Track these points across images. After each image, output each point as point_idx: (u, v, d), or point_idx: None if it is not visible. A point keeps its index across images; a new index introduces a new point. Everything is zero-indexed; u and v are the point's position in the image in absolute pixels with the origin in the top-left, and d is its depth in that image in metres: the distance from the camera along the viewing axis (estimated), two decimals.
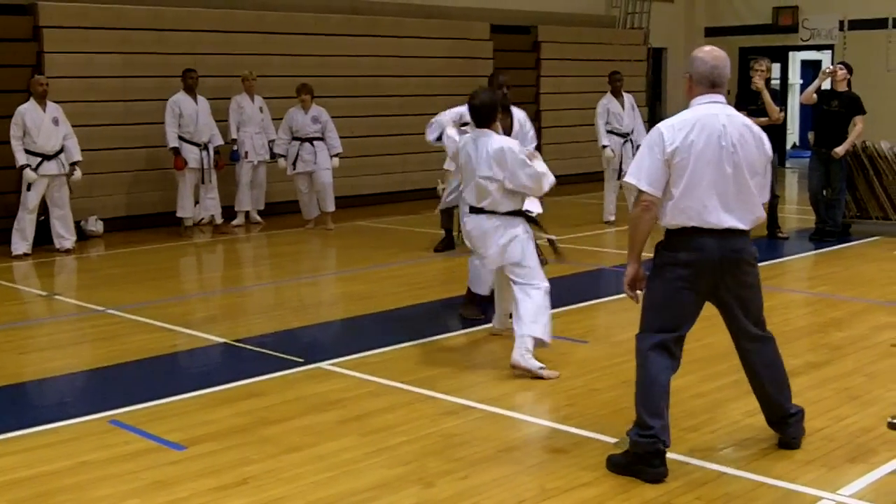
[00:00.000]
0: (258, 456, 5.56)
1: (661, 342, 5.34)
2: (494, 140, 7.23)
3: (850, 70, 12.78)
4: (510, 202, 7.25)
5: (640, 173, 5.21)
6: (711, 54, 5.31)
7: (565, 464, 5.38)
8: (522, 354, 7.09)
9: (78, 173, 12.74)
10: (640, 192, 5.23)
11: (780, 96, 12.30)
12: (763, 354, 5.53)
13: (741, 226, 5.22)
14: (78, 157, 12.68)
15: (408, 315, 9.14)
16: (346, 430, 5.99)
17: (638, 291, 5.52)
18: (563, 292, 9.22)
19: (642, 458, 5.18)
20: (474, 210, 7.35)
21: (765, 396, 5.59)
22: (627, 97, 14.89)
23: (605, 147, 14.58)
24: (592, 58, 20.62)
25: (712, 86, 5.29)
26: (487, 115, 7.34)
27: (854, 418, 6.02)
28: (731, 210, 5.18)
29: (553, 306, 8.77)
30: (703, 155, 5.13)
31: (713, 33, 24.11)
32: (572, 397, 6.58)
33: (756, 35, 22.90)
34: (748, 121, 5.37)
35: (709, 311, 8.96)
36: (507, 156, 7.10)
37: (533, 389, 6.81)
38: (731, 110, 5.31)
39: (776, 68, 21.93)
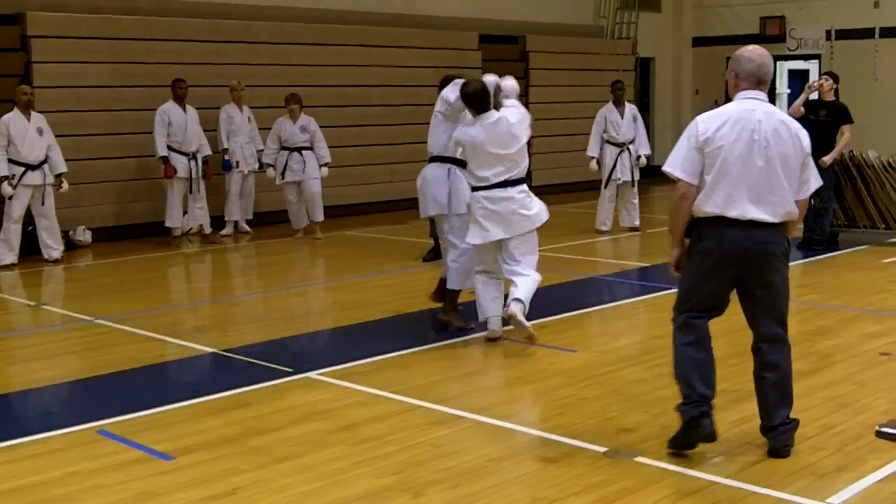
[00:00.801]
0: (247, 466, 5.55)
1: (687, 322, 5.67)
2: (508, 114, 7.97)
3: (836, 79, 12.82)
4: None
5: (675, 162, 5.51)
6: (757, 52, 5.59)
7: (555, 473, 5.38)
8: (523, 311, 7.76)
9: (65, 185, 12.71)
10: (676, 180, 5.50)
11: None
12: (776, 357, 5.59)
13: (769, 219, 5.37)
14: (63, 168, 12.65)
15: (397, 324, 9.13)
16: (335, 439, 5.99)
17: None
18: (552, 301, 9.24)
19: (689, 423, 5.49)
20: (500, 185, 7.95)
21: (765, 400, 5.62)
22: (629, 107, 14.89)
23: (591, 158, 14.61)
24: (581, 67, 20.69)
25: (758, 83, 5.52)
26: (483, 99, 7.96)
27: (843, 427, 6.03)
28: (759, 202, 5.35)
29: (542, 315, 8.84)
30: (735, 147, 5.34)
31: (701, 43, 24.21)
32: (562, 407, 6.58)
33: (743, 45, 22.87)
34: (786, 117, 5.54)
35: None
36: (526, 119, 8.05)
37: (522, 399, 6.81)
38: (770, 107, 5.51)
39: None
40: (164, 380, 7.69)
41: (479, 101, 8.01)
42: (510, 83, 8.33)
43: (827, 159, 12.23)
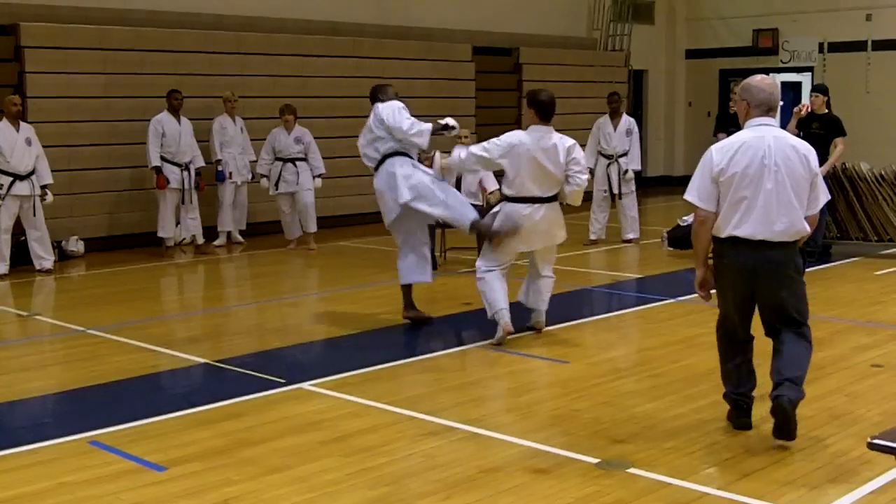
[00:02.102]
0: (239, 477, 5.54)
1: (723, 324, 6.21)
2: (561, 136, 8.46)
3: (824, 92, 12.85)
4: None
5: (693, 191, 5.96)
6: (766, 82, 6.01)
7: (548, 484, 5.37)
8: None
9: (49, 197, 12.70)
10: (696, 208, 5.96)
11: None
12: (790, 336, 5.99)
13: (780, 238, 5.82)
14: (49, 179, 12.64)
15: (389, 335, 9.13)
16: (327, 450, 5.98)
17: (713, 291, 6.22)
18: (545, 313, 9.23)
19: (730, 412, 6.25)
20: (540, 200, 8.40)
21: (776, 365, 5.95)
22: (625, 120, 14.82)
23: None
24: (574, 79, 20.71)
25: (768, 110, 5.96)
26: (552, 110, 8.45)
27: (835, 438, 6.03)
28: (770, 223, 5.79)
29: (534, 327, 8.86)
30: (746, 173, 5.78)
31: (694, 55, 24.26)
32: (554, 418, 6.58)
33: (736, 57, 23.02)
34: (796, 141, 6.00)
35: (683, 333, 9.00)
36: (576, 151, 8.42)
37: (515, 410, 6.81)
38: (780, 131, 5.96)
39: None
40: (156, 390, 7.66)
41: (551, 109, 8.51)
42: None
43: (820, 171, 12.23)
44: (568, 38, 21.78)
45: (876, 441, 5.75)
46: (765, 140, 5.83)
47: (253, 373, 7.76)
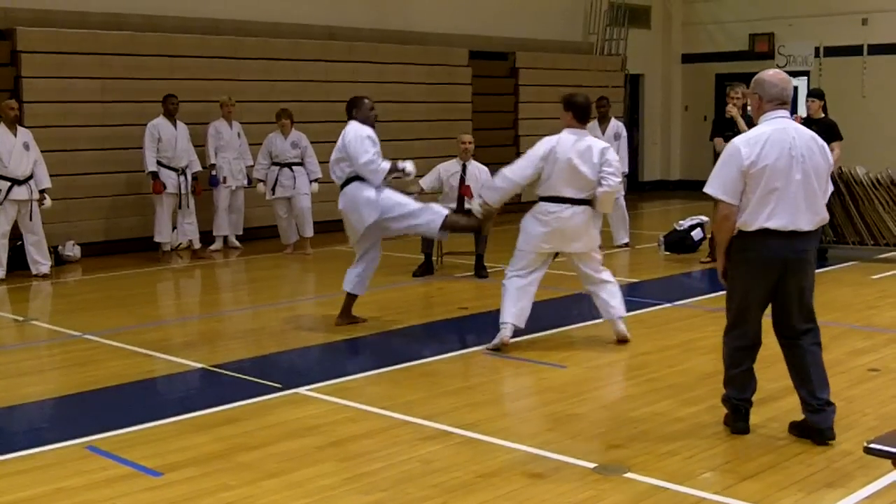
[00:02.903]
0: (236, 482, 5.54)
1: (737, 326, 6.15)
2: (595, 139, 8.57)
3: (820, 97, 12.85)
4: None
5: (717, 185, 5.93)
6: (778, 76, 6.01)
7: (545, 489, 5.37)
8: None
9: (48, 201, 12.70)
10: (719, 201, 5.92)
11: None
12: (810, 340, 6.11)
13: (807, 227, 5.90)
14: (47, 184, 12.65)
15: (386, 340, 9.13)
16: (324, 455, 5.97)
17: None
18: (541, 317, 9.23)
19: (728, 416, 6.28)
20: (571, 201, 8.33)
21: (807, 376, 6.04)
22: (613, 124, 14.76)
23: None
24: (570, 84, 20.58)
25: (782, 104, 5.97)
26: (589, 112, 8.62)
27: (832, 442, 6.02)
28: (799, 213, 5.84)
29: (530, 331, 8.85)
30: (776, 165, 5.80)
31: (690, 60, 24.29)
32: (551, 422, 6.57)
33: (732, 62, 23.06)
34: (813, 134, 6.04)
35: (680, 337, 9.00)
36: (609, 154, 8.40)
37: (511, 415, 6.81)
38: (797, 124, 6.01)
39: None
40: (152, 395, 7.66)
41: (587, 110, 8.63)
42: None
43: None
44: (564, 42, 21.79)
45: (873, 445, 5.74)
46: (788, 132, 5.88)
47: (249, 378, 7.76)
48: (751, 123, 12.45)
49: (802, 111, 12.81)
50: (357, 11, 17.87)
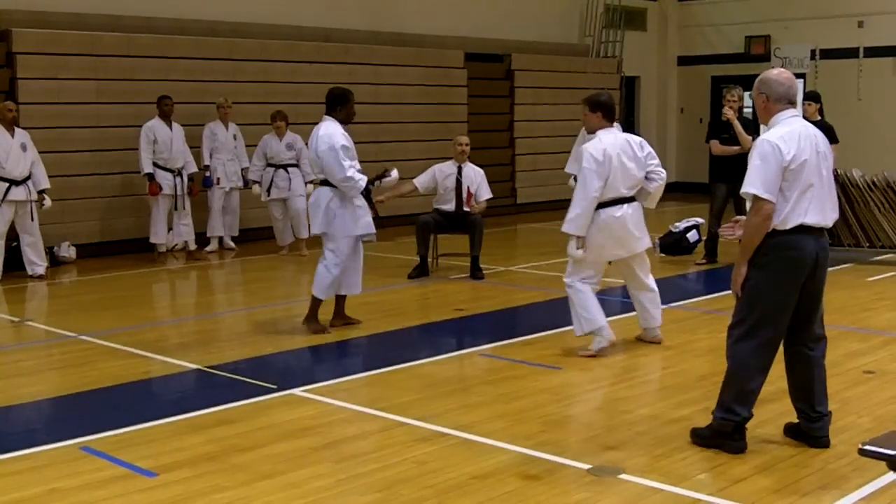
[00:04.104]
0: (230, 483, 5.53)
1: (760, 332, 5.83)
2: (625, 134, 8.51)
3: (816, 100, 12.86)
4: None
5: (759, 184, 5.66)
6: (783, 75, 5.89)
7: (539, 490, 5.37)
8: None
9: (48, 201, 12.70)
10: (759, 200, 5.66)
11: (753, 125, 12.38)
12: (819, 353, 6.05)
13: (829, 224, 5.88)
14: (46, 184, 12.64)
15: (381, 341, 9.13)
16: (318, 457, 5.97)
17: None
18: (537, 319, 9.24)
19: (726, 435, 5.90)
20: (626, 200, 8.30)
21: (814, 390, 5.97)
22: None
23: (570, 176, 14.60)
24: (566, 86, 20.73)
25: (789, 103, 5.87)
26: (615, 109, 8.58)
27: None
28: (825, 210, 5.81)
29: (526, 333, 8.87)
30: (810, 162, 5.72)
31: (686, 62, 24.31)
32: (546, 424, 6.57)
33: (728, 64, 23.06)
34: (821, 132, 6.00)
35: (675, 339, 9.00)
36: (647, 146, 8.44)
37: (506, 416, 6.80)
38: (809, 123, 5.95)
39: (749, 97, 22.08)
40: (147, 396, 7.65)
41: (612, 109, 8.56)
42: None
43: None
44: (560, 44, 21.79)
45: (867, 447, 5.75)
46: (810, 129, 5.84)
47: (244, 379, 7.75)
48: (747, 126, 12.57)
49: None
50: (353, 14, 17.87)
